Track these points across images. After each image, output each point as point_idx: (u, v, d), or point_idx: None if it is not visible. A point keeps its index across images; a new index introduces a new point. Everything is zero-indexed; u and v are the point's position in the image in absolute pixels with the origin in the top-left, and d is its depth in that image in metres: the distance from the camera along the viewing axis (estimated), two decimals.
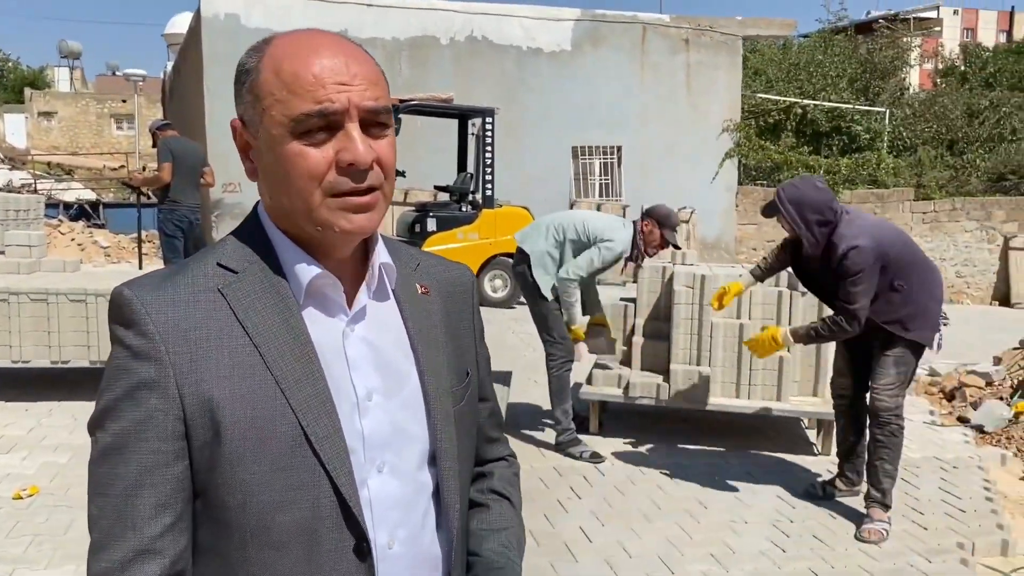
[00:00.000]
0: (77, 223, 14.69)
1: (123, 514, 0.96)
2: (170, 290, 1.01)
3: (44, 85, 49.58)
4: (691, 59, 14.35)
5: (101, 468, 0.98)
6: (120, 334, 1.00)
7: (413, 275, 1.18)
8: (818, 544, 3.90)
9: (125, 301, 1.00)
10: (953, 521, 4.18)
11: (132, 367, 0.98)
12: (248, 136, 1.07)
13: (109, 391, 0.99)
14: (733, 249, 14.54)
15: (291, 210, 1.03)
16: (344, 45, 1.04)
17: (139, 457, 0.97)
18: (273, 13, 12.13)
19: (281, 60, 1.02)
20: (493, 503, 1.26)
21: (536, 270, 4.92)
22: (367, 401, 1.06)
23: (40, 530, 3.78)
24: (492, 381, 1.34)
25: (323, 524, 1.01)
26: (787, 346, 4.29)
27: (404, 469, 1.08)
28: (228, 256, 1.06)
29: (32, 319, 5.54)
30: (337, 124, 0.99)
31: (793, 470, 4.87)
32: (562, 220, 5.03)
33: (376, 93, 1.02)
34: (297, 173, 1.00)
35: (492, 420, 1.32)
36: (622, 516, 4.15)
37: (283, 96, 1.00)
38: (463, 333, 1.23)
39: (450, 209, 10.00)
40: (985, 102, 19.13)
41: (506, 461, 1.34)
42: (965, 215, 14.81)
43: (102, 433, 0.99)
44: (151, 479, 0.96)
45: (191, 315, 1.00)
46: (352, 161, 0.99)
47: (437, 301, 1.19)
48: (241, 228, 1.11)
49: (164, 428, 0.97)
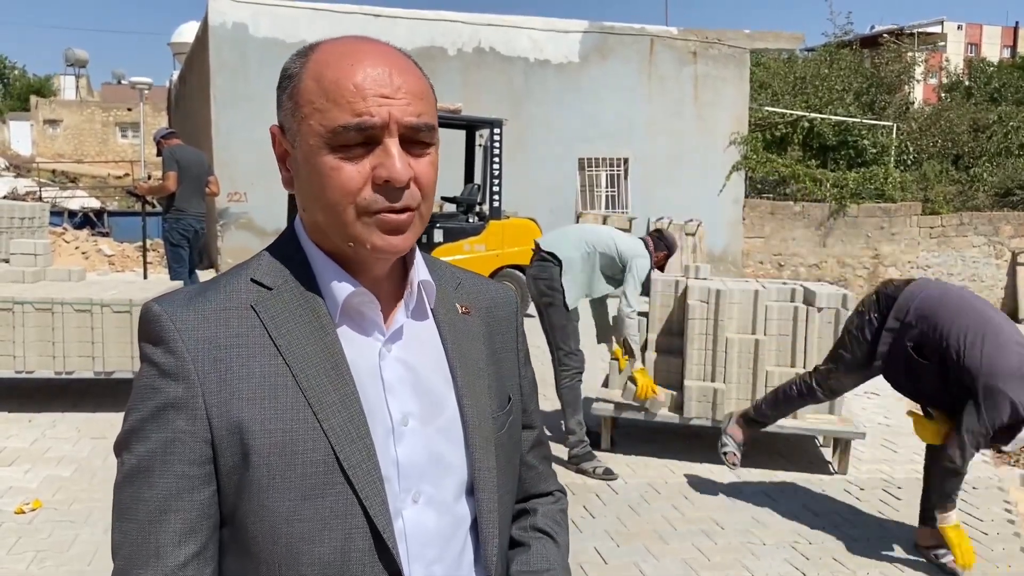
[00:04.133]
0: (81, 231, 14.64)
1: (147, 541, 0.92)
2: (201, 306, 0.97)
3: (50, 93, 49.76)
4: (699, 71, 14.32)
5: (125, 492, 0.94)
6: (148, 351, 0.96)
7: (454, 294, 1.12)
8: (838, 566, 3.82)
9: (154, 317, 0.96)
10: (976, 544, 4.08)
11: (160, 386, 0.94)
12: (286, 144, 1.01)
13: (136, 411, 0.95)
14: (740, 262, 14.47)
15: (324, 224, 0.98)
16: (391, 55, 0.98)
17: (164, 481, 0.93)
18: (280, 23, 12.11)
19: (324, 67, 0.96)
20: (535, 542, 1.18)
21: (565, 277, 4.87)
22: (403, 426, 1.00)
23: (43, 546, 3.70)
24: (538, 408, 1.26)
25: (355, 557, 0.95)
26: None
27: (441, 500, 1.02)
28: (262, 271, 1.01)
29: (36, 329, 5.47)
30: (376, 139, 0.94)
31: (810, 490, 4.78)
32: (591, 233, 5.11)
33: (419, 109, 0.96)
34: (331, 187, 0.94)
35: (538, 450, 1.25)
36: (637, 536, 4.06)
37: (322, 105, 0.94)
38: (506, 356, 1.16)
39: (457, 220, 9.93)
40: (992, 117, 19.09)
41: (553, 496, 1.26)
42: (973, 230, 14.74)
43: (128, 455, 0.95)
44: (176, 505, 0.92)
45: (222, 333, 0.96)
46: (388, 178, 0.93)
47: (478, 322, 1.13)
48: (277, 243, 1.06)
49: (191, 451, 0.93)
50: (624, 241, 5.02)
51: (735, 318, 5.19)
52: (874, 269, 14.67)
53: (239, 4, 12.01)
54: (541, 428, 1.26)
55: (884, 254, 14.69)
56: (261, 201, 11.76)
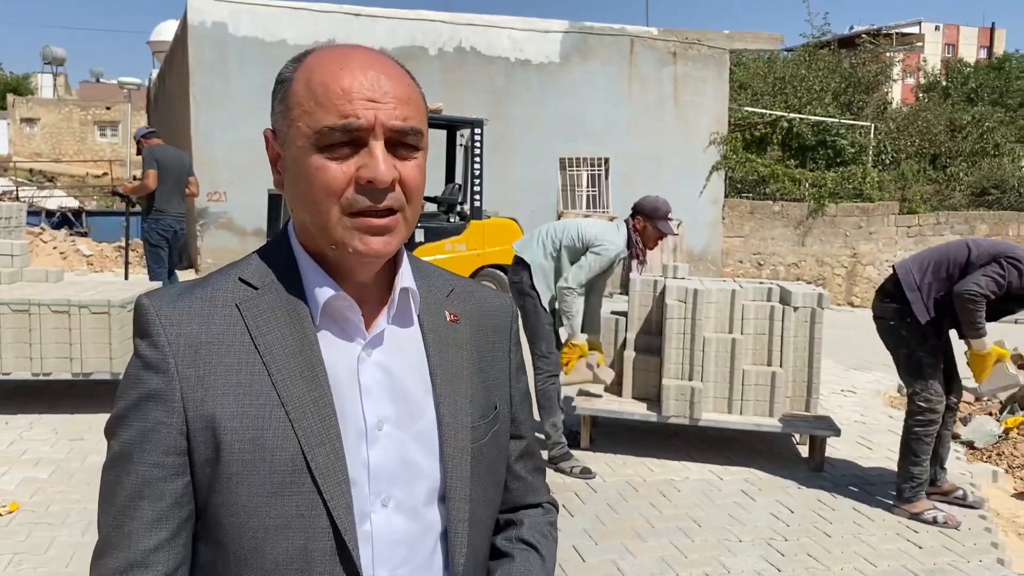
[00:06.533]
0: (59, 231, 14.52)
1: (121, 524, 0.96)
2: (187, 302, 1.01)
3: (27, 91, 49.20)
4: (679, 72, 14.40)
5: (110, 475, 0.99)
6: (136, 343, 1.01)
7: (444, 302, 1.13)
8: (813, 563, 3.87)
9: (143, 311, 1.01)
10: (948, 539, 4.15)
11: (142, 377, 0.98)
12: (278, 147, 1.03)
13: (121, 399, 1.00)
14: (720, 261, 14.57)
15: (310, 225, 1.00)
16: (381, 61, 1.00)
17: (141, 468, 0.96)
18: (260, 22, 12.07)
19: (313, 71, 0.99)
20: (519, 553, 1.17)
21: (536, 278, 4.87)
22: (376, 430, 1.01)
23: (20, 548, 3.68)
24: (529, 418, 1.26)
25: (317, 556, 0.97)
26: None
27: (411, 505, 1.03)
28: (251, 271, 1.04)
29: (13, 330, 5.44)
30: (361, 141, 0.96)
31: (786, 487, 4.83)
32: (557, 228, 5.00)
33: (406, 113, 0.98)
34: (316, 186, 0.97)
35: (526, 461, 1.24)
36: (615, 534, 4.10)
37: (310, 107, 0.97)
38: (496, 365, 1.17)
39: (438, 220, 9.94)
40: (968, 117, 19.33)
41: (542, 508, 1.25)
42: (949, 229, 14.92)
43: (113, 440, 0.99)
44: (150, 492, 0.96)
45: (205, 329, 0.99)
46: (372, 179, 0.95)
47: (467, 330, 1.14)
48: (268, 244, 1.09)
49: (166, 441, 0.96)
50: (589, 229, 4.86)
51: (712, 317, 5.25)
52: (852, 268, 14.82)
53: (218, 3, 11.95)
54: (532, 439, 1.25)
55: (862, 253, 14.83)
56: (241, 201, 11.72)
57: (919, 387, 4.39)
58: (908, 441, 4.44)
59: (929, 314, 4.34)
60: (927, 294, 4.36)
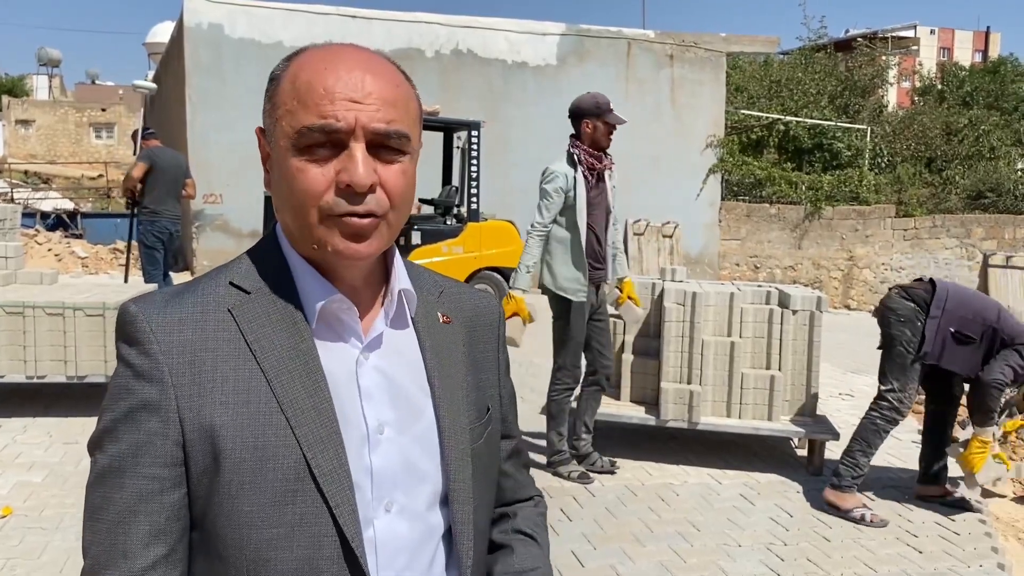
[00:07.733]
0: (54, 233, 14.46)
1: (115, 542, 0.92)
2: (177, 308, 0.97)
3: (23, 93, 49.09)
4: (675, 75, 14.39)
5: (96, 492, 0.94)
6: (124, 352, 0.96)
7: (436, 303, 1.12)
8: (812, 567, 3.85)
9: (131, 318, 0.97)
10: (948, 544, 4.14)
11: (133, 387, 0.94)
12: (267, 145, 1.01)
13: (109, 411, 0.95)
14: (716, 264, 14.56)
15: (292, 226, 0.98)
16: (370, 62, 0.98)
17: (135, 483, 0.92)
18: (256, 23, 12.04)
19: (300, 70, 0.96)
20: (518, 544, 1.18)
21: (545, 278, 4.75)
22: (378, 434, 1.00)
23: (13, 553, 3.65)
24: (516, 417, 1.26)
25: (323, 565, 0.94)
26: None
27: (414, 509, 1.02)
28: (241, 275, 1.01)
29: (7, 333, 5.40)
30: (342, 143, 0.94)
31: (785, 491, 4.81)
32: None
33: (390, 116, 0.95)
34: (296, 189, 0.94)
35: (515, 459, 1.25)
36: (614, 539, 4.08)
37: (292, 106, 0.95)
38: (486, 366, 1.16)
39: (435, 222, 9.91)
40: (963, 120, 19.35)
41: (532, 501, 1.27)
42: (945, 232, 14.93)
43: (100, 455, 0.95)
44: (145, 507, 0.92)
45: (198, 336, 0.96)
46: (350, 182, 0.93)
47: (459, 331, 1.12)
48: (258, 246, 1.06)
49: (162, 453, 0.93)
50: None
51: (711, 320, 5.23)
52: (848, 271, 14.82)
53: (214, 4, 11.92)
54: (519, 437, 1.26)
55: (858, 256, 14.84)
56: (237, 203, 11.67)
57: (897, 386, 4.45)
58: (866, 430, 4.50)
59: (936, 342, 4.42)
60: (945, 320, 4.42)
